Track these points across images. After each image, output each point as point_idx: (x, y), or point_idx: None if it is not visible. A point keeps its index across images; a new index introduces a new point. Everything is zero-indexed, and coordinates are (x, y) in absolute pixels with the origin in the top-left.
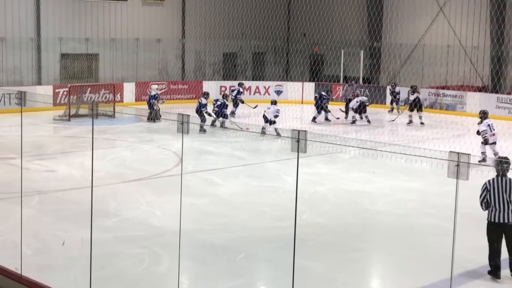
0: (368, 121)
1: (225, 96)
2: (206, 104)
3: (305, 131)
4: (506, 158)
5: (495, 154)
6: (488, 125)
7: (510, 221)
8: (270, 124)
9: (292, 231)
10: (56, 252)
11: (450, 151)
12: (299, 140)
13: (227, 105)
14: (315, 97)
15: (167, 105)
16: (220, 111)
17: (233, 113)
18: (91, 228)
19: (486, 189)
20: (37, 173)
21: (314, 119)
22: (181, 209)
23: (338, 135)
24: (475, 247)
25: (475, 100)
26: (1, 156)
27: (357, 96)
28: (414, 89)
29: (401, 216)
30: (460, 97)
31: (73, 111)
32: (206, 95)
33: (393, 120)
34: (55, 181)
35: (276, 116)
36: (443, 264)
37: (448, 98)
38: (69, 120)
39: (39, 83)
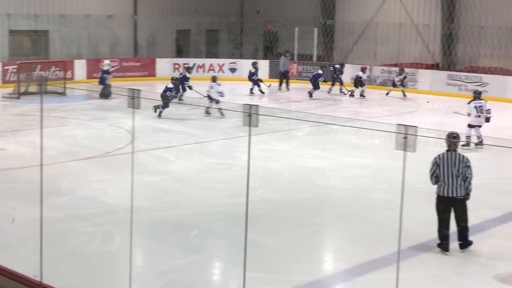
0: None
1: (188, 69)
2: (189, 78)
3: (256, 105)
4: (455, 133)
5: (478, 137)
6: (475, 107)
7: (458, 195)
8: (217, 103)
9: (245, 207)
10: (6, 230)
11: (398, 124)
12: (250, 114)
13: (188, 78)
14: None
15: (120, 83)
16: (181, 83)
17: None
18: (41, 205)
19: (436, 163)
20: None
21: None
22: (132, 186)
23: (292, 111)
24: (426, 221)
25: (426, 78)
26: None
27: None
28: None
29: (353, 191)
30: (412, 74)
31: (22, 89)
32: (189, 69)
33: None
34: (4, 159)
35: (221, 96)
36: (394, 238)
37: (400, 76)
38: (18, 98)
39: None
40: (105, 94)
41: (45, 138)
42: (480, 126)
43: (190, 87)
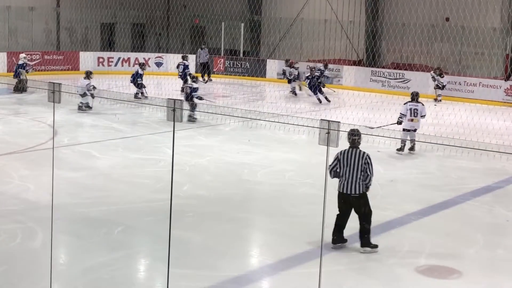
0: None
1: (141, 65)
2: (142, 75)
3: (180, 100)
4: (356, 130)
5: (411, 141)
6: (410, 109)
7: (355, 192)
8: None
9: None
10: None
11: (321, 119)
12: (174, 109)
13: (140, 75)
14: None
15: (43, 76)
16: (133, 80)
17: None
18: None
19: (337, 158)
20: None
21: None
22: (53, 182)
23: (218, 105)
24: (351, 216)
25: (351, 74)
26: None
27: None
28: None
29: (279, 186)
30: (337, 70)
31: None
32: (142, 65)
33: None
34: None
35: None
36: (318, 232)
37: (326, 72)
38: None
39: None
40: (20, 88)
41: None
42: (415, 130)
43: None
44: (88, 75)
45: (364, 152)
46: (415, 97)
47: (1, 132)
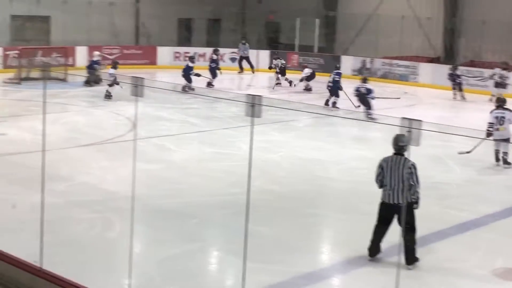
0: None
1: (191, 59)
2: (192, 67)
3: (259, 96)
4: (403, 136)
5: (504, 153)
6: (496, 117)
7: (400, 201)
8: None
9: (245, 197)
10: (6, 216)
11: (402, 117)
12: (254, 105)
13: (191, 67)
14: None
15: (121, 70)
16: (184, 74)
17: (210, 84)
18: (42, 191)
19: (380, 166)
20: None
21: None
22: (134, 174)
23: (293, 101)
24: (424, 215)
25: (427, 71)
26: None
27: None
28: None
29: (352, 184)
30: (413, 67)
31: (24, 74)
32: (192, 58)
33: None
34: (5, 144)
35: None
36: (391, 231)
37: (401, 69)
38: (20, 83)
39: None
40: (90, 81)
41: (46, 124)
42: (507, 140)
43: (198, 75)
44: (115, 65)
45: (409, 161)
46: (501, 103)
47: (81, 124)
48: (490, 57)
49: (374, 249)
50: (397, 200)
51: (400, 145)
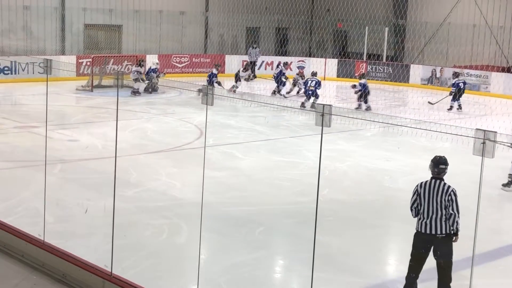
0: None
1: (217, 66)
2: (216, 74)
3: (330, 105)
4: (443, 158)
5: None
6: None
7: (439, 232)
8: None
9: (312, 206)
10: (78, 220)
11: (477, 128)
12: (323, 114)
13: (215, 74)
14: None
15: (190, 78)
16: (209, 81)
17: (275, 92)
18: (114, 197)
19: (416, 192)
20: (60, 142)
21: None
22: (203, 181)
23: (360, 111)
24: (495, 228)
25: (499, 81)
26: (25, 124)
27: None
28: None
29: None
30: (484, 77)
31: (96, 82)
32: (218, 66)
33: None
34: (77, 150)
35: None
36: (463, 244)
37: (473, 78)
38: (91, 91)
39: (62, 53)
40: (148, 88)
41: (117, 131)
42: None
43: (219, 83)
44: (140, 62)
45: (449, 186)
46: None
47: (151, 131)
48: None
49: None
50: (435, 230)
51: (440, 167)
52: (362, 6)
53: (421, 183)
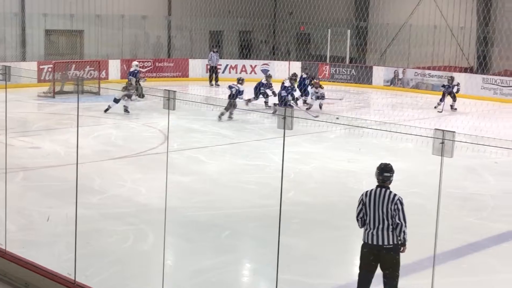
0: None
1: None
2: (243, 91)
3: (291, 107)
4: (389, 165)
5: None
6: None
7: (385, 242)
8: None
9: (278, 209)
10: (40, 228)
11: (435, 129)
12: (285, 117)
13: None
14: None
15: (154, 83)
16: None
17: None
18: (76, 204)
19: (362, 202)
20: (21, 149)
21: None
22: (167, 185)
23: (323, 113)
24: (458, 227)
25: (461, 81)
26: None
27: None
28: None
29: None
30: (446, 77)
31: (57, 88)
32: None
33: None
34: (39, 157)
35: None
36: (425, 243)
37: (434, 79)
38: (53, 97)
39: (23, 59)
40: (138, 94)
41: (80, 137)
42: None
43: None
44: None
45: (395, 195)
46: None
47: (115, 137)
48: None
49: None
50: (382, 241)
51: (385, 175)
52: (324, 9)
53: (366, 191)
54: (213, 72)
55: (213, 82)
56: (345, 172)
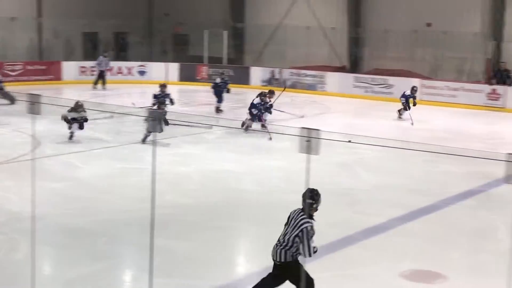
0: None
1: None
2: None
3: (162, 110)
4: (315, 190)
5: None
6: None
7: (279, 259)
8: None
9: (156, 212)
10: None
11: (301, 127)
12: (155, 119)
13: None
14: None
15: (25, 87)
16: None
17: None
18: None
19: (288, 217)
20: None
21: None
22: (34, 192)
23: (201, 115)
24: (332, 222)
25: (334, 80)
26: None
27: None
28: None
29: (265, 194)
30: (320, 77)
31: None
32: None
33: None
34: None
35: None
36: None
37: (309, 78)
38: None
39: None
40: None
41: None
42: None
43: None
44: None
45: (305, 222)
46: None
47: None
48: (393, 64)
49: None
50: (275, 256)
51: (307, 202)
52: (200, 10)
53: (293, 210)
54: (100, 76)
55: (100, 86)
56: (225, 172)
